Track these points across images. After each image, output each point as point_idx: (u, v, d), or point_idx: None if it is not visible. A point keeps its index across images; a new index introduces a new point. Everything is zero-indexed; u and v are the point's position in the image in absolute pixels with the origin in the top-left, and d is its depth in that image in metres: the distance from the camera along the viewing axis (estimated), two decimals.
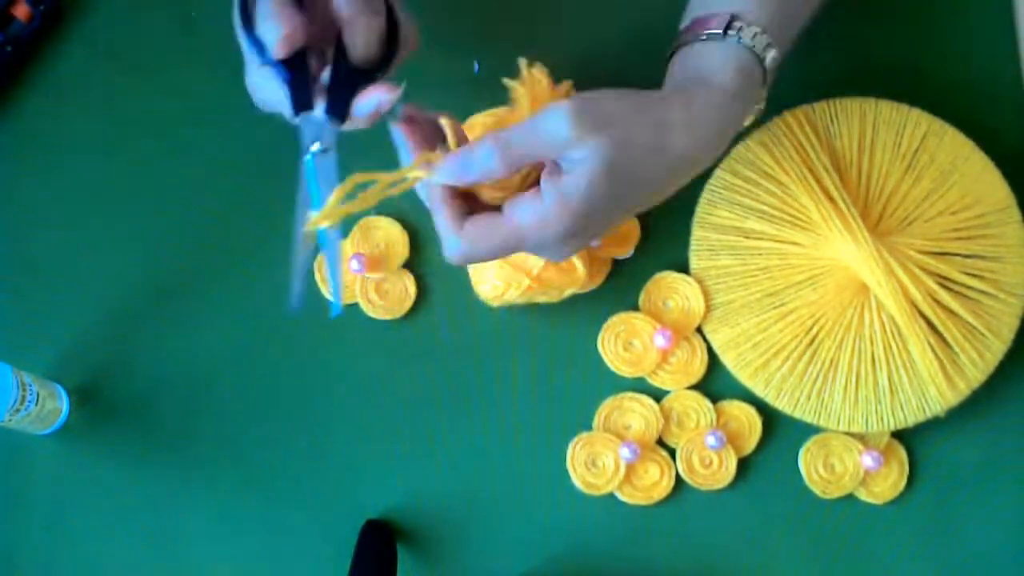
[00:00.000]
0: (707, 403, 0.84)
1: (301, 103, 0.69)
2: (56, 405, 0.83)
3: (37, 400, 0.79)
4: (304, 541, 0.83)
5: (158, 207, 0.86)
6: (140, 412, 0.85)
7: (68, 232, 0.86)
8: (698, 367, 0.84)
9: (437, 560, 0.83)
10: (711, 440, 0.83)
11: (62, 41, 0.89)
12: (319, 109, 0.68)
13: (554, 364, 0.85)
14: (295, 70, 0.69)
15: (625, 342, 0.85)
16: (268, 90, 0.68)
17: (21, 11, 0.87)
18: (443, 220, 0.66)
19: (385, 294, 0.86)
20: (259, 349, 0.85)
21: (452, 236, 0.66)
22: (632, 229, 0.85)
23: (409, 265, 0.86)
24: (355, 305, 0.85)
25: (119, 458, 0.84)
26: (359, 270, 0.85)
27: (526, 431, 0.84)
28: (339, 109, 0.68)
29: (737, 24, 0.71)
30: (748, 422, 0.84)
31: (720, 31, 0.71)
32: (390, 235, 0.86)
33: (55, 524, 0.83)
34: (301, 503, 0.83)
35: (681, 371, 0.84)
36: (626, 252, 0.86)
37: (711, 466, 0.83)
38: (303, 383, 0.85)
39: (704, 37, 0.72)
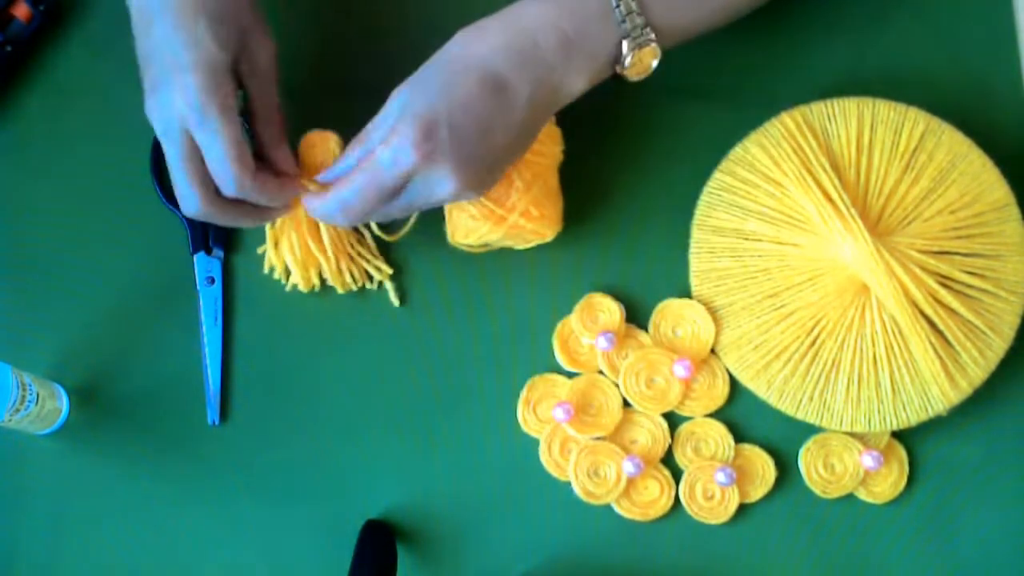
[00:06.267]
0: (730, 439, 0.83)
1: (196, 246, 0.84)
2: (56, 405, 0.82)
3: (37, 400, 0.79)
4: (304, 541, 0.83)
5: (158, 207, 0.86)
6: (140, 412, 0.84)
7: (68, 232, 0.86)
8: (721, 388, 0.84)
9: (437, 560, 0.83)
10: (720, 476, 0.82)
11: (62, 41, 0.89)
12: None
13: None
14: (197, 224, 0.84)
15: (647, 379, 0.84)
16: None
17: (21, 11, 0.87)
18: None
19: None
20: (258, 349, 0.85)
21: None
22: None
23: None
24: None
25: (119, 458, 0.84)
26: None
27: (526, 431, 0.84)
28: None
29: None
30: (762, 470, 0.83)
31: None
32: None
33: (55, 524, 0.83)
34: (301, 503, 0.83)
35: (705, 395, 0.84)
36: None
37: (712, 499, 0.83)
38: (303, 382, 0.85)
39: None
